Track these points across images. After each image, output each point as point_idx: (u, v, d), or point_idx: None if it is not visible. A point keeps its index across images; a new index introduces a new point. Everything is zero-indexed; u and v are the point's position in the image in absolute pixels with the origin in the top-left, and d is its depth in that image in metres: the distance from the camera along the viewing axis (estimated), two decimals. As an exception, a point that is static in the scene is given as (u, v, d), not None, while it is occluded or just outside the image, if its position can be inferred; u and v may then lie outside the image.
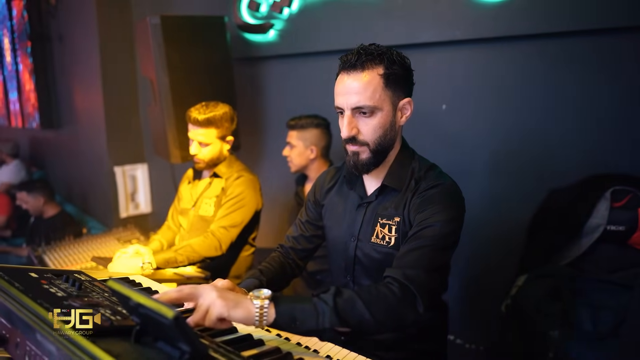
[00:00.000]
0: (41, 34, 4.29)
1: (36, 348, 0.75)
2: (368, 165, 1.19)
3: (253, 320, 0.87)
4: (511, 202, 2.17)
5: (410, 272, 1.04)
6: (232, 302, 0.86)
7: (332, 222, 1.34)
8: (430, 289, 1.05)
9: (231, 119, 1.95)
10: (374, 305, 0.98)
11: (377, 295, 1.00)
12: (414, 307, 1.02)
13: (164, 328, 0.66)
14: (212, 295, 0.86)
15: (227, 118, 1.92)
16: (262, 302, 0.88)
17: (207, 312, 0.84)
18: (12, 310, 0.80)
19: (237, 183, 1.94)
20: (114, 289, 0.71)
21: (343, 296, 0.97)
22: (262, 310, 0.88)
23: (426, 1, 2.19)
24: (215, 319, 0.84)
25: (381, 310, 0.98)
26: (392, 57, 1.15)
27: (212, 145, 1.91)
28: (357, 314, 0.96)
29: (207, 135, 1.89)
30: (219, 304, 0.85)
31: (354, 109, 1.15)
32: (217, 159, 1.95)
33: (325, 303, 0.95)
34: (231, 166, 2.01)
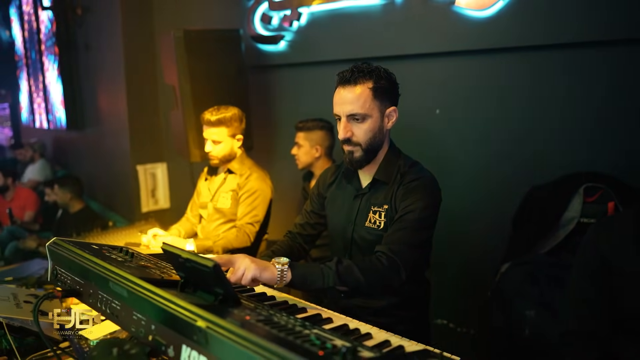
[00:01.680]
0: (68, 42, 4.61)
1: (108, 295, 1.00)
2: (360, 162, 1.45)
3: (275, 280, 1.15)
4: (498, 198, 2.39)
5: (395, 247, 1.31)
6: (262, 266, 1.14)
7: (333, 211, 1.60)
8: (411, 260, 1.32)
9: (240, 119, 2.21)
10: (367, 272, 1.26)
11: (369, 264, 1.28)
12: (398, 274, 1.30)
13: (204, 276, 0.91)
14: (247, 261, 1.13)
15: (235, 118, 2.18)
16: (283, 266, 1.17)
17: (243, 274, 1.11)
18: (88, 268, 1.06)
19: (252, 180, 2.20)
20: (166, 249, 0.97)
21: (343, 264, 1.26)
22: (282, 273, 1.16)
23: (421, 15, 2.43)
24: (250, 279, 1.11)
25: (372, 275, 1.26)
26: (380, 74, 1.41)
27: (224, 143, 2.17)
28: (354, 278, 1.24)
29: (219, 134, 2.15)
30: (252, 268, 1.12)
31: (348, 115, 1.40)
32: (229, 155, 2.21)
33: (329, 268, 1.24)
34: (243, 163, 2.26)
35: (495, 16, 2.23)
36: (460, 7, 2.29)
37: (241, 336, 0.73)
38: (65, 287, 1.13)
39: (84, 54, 4.48)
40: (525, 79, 2.26)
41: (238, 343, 0.72)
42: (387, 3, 2.52)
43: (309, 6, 2.78)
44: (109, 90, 4.07)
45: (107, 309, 1.01)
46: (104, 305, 1.02)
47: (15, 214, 4.40)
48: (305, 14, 2.82)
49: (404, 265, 1.30)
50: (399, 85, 1.47)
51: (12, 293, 1.91)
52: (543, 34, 2.14)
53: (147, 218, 3.30)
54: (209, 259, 0.89)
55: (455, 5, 2.30)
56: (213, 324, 0.76)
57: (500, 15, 2.22)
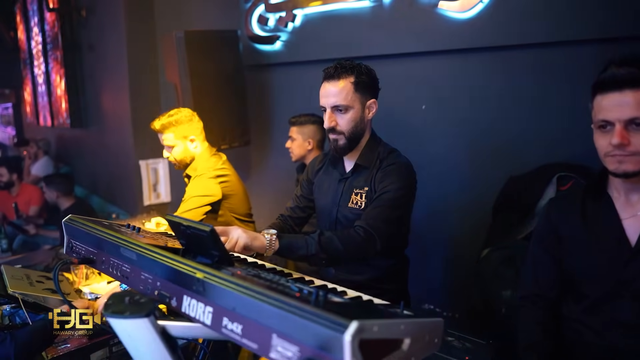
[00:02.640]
0: (72, 42, 4.76)
1: (118, 260, 1.16)
2: (344, 148, 1.61)
3: (265, 247, 1.31)
4: (479, 187, 2.54)
5: (371, 222, 1.47)
6: (253, 236, 1.30)
7: (320, 194, 1.76)
8: (385, 234, 1.48)
9: (188, 119, 2.18)
10: (346, 242, 1.42)
11: (348, 236, 1.44)
12: (373, 245, 1.46)
13: (203, 240, 1.06)
14: (239, 231, 1.29)
15: (182, 120, 2.16)
16: (271, 236, 1.33)
17: (236, 243, 1.26)
18: (102, 237, 1.21)
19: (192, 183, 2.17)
20: (169, 219, 1.12)
21: (325, 235, 1.42)
22: (271, 242, 1.31)
23: (408, 16, 2.58)
24: (242, 246, 1.27)
25: (350, 245, 1.42)
26: (361, 70, 1.57)
27: (177, 146, 2.18)
28: (334, 247, 1.40)
29: (168, 139, 2.17)
30: (244, 237, 1.27)
31: (332, 107, 1.56)
32: (185, 158, 2.20)
33: (312, 239, 1.40)
34: (204, 164, 2.17)
35: (476, 17, 2.38)
36: (443, 9, 2.45)
37: (232, 282, 0.88)
38: (80, 257, 1.28)
39: (87, 54, 4.64)
40: (504, 77, 2.41)
41: (230, 288, 0.87)
42: (376, 5, 2.68)
43: (303, 8, 2.93)
44: (112, 88, 4.22)
45: (118, 273, 1.16)
46: (115, 269, 1.17)
47: (21, 209, 4.56)
48: (300, 15, 2.97)
49: (379, 237, 1.46)
50: (378, 80, 1.63)
51: (25, 274, 2.07)
52: (520, 34, 2.29)
53: (148, 211, 3.45)
54: (206, 225, 1.04)
55: (439, 8, 2.45)
56: (209, 275, 0.92)
57: (480, 17, 2.37)
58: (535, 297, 1.31)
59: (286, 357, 0.76)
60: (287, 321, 0.77)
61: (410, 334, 0.86)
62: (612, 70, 1.09)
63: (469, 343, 1.13)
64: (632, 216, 1.15)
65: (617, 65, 1.08)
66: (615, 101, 1.08)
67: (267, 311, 0.80)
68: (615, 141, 1.07)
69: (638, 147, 1.06)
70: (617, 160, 1.10)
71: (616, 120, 1.08)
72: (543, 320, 1.26)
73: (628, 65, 1.06)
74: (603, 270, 1.16)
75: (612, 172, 1.14)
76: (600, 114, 1.12)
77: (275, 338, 0.78)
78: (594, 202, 1.22)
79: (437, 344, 0.97)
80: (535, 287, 1.31)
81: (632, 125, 1.07)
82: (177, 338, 0.98)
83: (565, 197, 1.29)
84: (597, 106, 1.13)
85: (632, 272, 1.12)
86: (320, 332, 0.72)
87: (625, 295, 1.13)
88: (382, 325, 0.77)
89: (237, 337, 0.84)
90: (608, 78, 1.09)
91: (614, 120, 1.08)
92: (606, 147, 1.11)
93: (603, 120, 1.11)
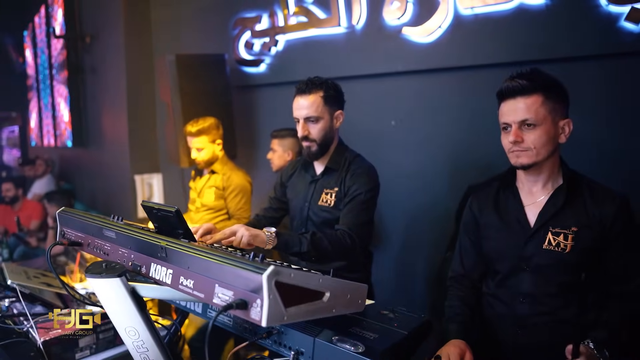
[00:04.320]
0: (77, 66, 5.08)
1: (101, 240, 1.37)
2: (316, 154, 1.85)
3: (265, 243, 1.51)
4: (443, 197, 2.75)
5: (352, 226, 1.72)
6: (255, 234, 1.49)
7: (293, 194, 1.99)
8: (363, 236, 1.74)
9: (217, 126, 2.60)
10: (333, 243, 1.66)
11: (336, 238, 1.68)
12: (355, 247, 1.71)
13: (170, 220, 1.28)
14: (243, 229, 1.48)
15: (213, 127, 2.57)
16: (271, 234, 1.54)
17: (241, 240, 1.47)
18: (88, 222, 1.42)
19: (233, 179, 2.59)
20: (144, 204, 1.34)
21: (317, 235, 1.64)
22: (271, 238, 1.52)
23: (377, 41, 2.85)
24: (246, 243, 1.47)
25: (337, 245, 1.66)
26: (329, 85, 1.81)
27: (206, 149, 2.57)
28: (323, 246, 1.63)
29: (201, 142, 2.55)
30: (247, 234, 1.47)
31: (305, 118, 1.81)
32: (212, 158, 2.61)
33: (305, 238, 1.62)
34: (225, 164, 2.65)
35: (437, 41, 2.65)
36: (406, 35, 2.72)
37: (188, 247, 1.09)
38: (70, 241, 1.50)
39: (90, 77, 4.95)
40: (464, 95, 2.65)
41: (185, 251, 1.08)
42: (349, 32, 2.96)
43: (284, 34, 3.22)
44: (112, 108, 4.50)
45: (100, 252, 1.37)
46: (99, 249, 1.38)
47: (23, 223, 4.78)
48: (282, 41, 3.26)
49: (359, 238, 1.72)
50: (344, 94, 1.87)
51: (23, 270, 2.28)
52: (476, 55, 2.55)
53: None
54: (171, 206, 1.26)
55: (403, 33, 2.72)
56: (170, 242, 1.13)
57: (440, 41, 2.64)
58: (461, 277, 1.51)
59: (224, 301, 0.97)
60: (226, 272, 0.98)
61: (329, 289, 1.06)
62: (507, 83, 1.33)
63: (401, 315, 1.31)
64: (532, 203, 1.36)
65: (510, 79, 1.32)
66: (511, 107, 1.31)
67: (212, 266, 1.01)
68: (511, 138, 1.30)
69: (529, 143, 1.29)
70: (516, 155, 1.32)
71: (512, 122, 1.31)
72: (464, 296, 1.45)
73: (519, 79, 1.30)
74: (509, 248, 1.36)
75: (513, 165, 1.36)
76: (502, 117, 1.35)
77: (217, 287, 0.99)
78: (505, 193, 1.43)
79: (360, 304, 1.17)
80: (461, 269, 1.51)
81: (524, 125, 1.30)
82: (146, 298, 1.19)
83: (483, 190, 1.50)
84: (500, 112, 1.37)
85: (531, 248, 1.32)
86: (248, 277, 0.93)
87: (526, 269, 1.34)
88: (298, 275, 0.97)
89: (189, 291, 1.05)
90: (504, 89, 1.33)
91: (511, 122, 1.31)
92: (507, 145, 1.34)
93: (504, 123, 1.35)
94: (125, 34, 4.06)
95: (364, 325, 1.19)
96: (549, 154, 1.31)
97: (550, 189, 1.36)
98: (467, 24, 2.55)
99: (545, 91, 1.28)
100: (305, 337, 1.14)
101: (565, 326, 1.30)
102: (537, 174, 1.35)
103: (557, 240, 1.28)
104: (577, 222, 1.29)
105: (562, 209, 1.31)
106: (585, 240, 1.27)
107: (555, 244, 1.28)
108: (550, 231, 1.30)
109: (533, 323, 1.33)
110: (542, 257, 1.30)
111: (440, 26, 2.60)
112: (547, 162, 1.33)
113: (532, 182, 1.37)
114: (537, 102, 1.28)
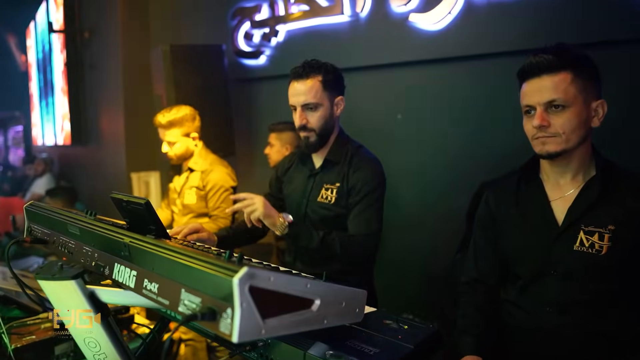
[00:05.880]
0: (76, 62, 4.97)
1: (66, 237, 1.21)
2: (315, 145, 1.67)
3: (276, 227, 1.41)
4: (453, 195, 2.56)
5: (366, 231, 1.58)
6: (269, 213, 1.40)
7: (290, 190, 1.81)
8: (377, 241, 1.59)
9: (192, 118, 2.28)
10: (345, 246, 1.52)
11: (348, 242, 1.54)
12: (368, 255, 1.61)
13: (141, 214, 1.11)
14: (261, 202, 1.39)
15: (187, 118, 2.26)
16: (283, 222, 1.44)
17: (252, 212, 1.35)
18: (54, 218, 1.26)
19: (212, 177, 2.29)
20: (113, 196, 1.18)
21: (330, 236, 1.52)
22: (284, 225, 1.41)
23: (382, 30, 2.69)
24: (256, 218, 1.37)
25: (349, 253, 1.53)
26: (328, 68, 1.64)
27: (179, 142, 2.26)
28: (332, 250, 1.50)
29: (171, 135, 2.25)
30: (261, 210, 1.38)
31: (303, 105, 1.63)
32: (185, 153, 2.30)
33: (317, 235, 1.50)
34: (205, 159, 2.34)
35: (446, 28, 2.48)
36: (414, 22, 2.55)
37: (154, 244, 0.92)
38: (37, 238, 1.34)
39: (89, 73, 4.83)
40: (476, 84, 2.48)
41: (150, 249, 0.91)
42: (353, 20, 2.79)
43: (285, 24, 3.06)
44: (109, 104, 4.38)
45: (65, 250, 1.21)
46: (63, 247, 1.22)
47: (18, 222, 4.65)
48: (283, 31, 3.10)
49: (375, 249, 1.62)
50: (344, 78, 1.70)
51: (1, 271, 2.13)
52: (488, 43, 2.37)
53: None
54: (142, 198, 1.09)
55: (410, 20, 2.55)
56: (135, 239, 0.96)
57: (450, 28, 2.46)
58: (475, 283, 1.32)
59: (191, 310, 0.80)
60: (194, 274, 0.81)
61: (320, 296, 0.88)
62: (530, 59, 1.15)
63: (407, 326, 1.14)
64: (560, 197, 1.18)
65: (534, 55, 1.14)
66: (535, 86, 1.13)
67: (179, 267, 0.84)
68: (535, 123, 1.12)
69: (558, 128, 1.11)
70: (541, 142, 1.14)
71: (537, 103, 1.13)
72: (480, 304, 1.27)
73: (544, 54, 1.12)
74: (533, 249, 1.19)
75: (538, 154, 1.17)
76: (524, 99, 1.17)
77: (184, 292, 0.82)
78: (526, 185, 1.25)
79: (358, 313, 0.99)
80: (475, 272, 1.33)
81: (551, 107, 1.12)
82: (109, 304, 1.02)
83: (501, 182, 1.33)
84: (522, 93, 1.19)
85: (559, 250, 1.14)
86: (217, 281, 0.76)
87: (553, 274, 1.15)
88: (280, 278, 0.80)
89: (154, 297, 0.88)
90: (527, 66, 1.15)
91: (535, 104, 1.13)
92: (531, 131, 1.16)
93: (526, 105, 1.17)
94: (123, 29, 3.93)
95: (364, 338, 1.01)
96: (580, 141, 1.13)
97: (581, 181, 1.17)
98: (479, 10, 2.38)
99: (574, 68, 1.11)
100: (295, 351, 0.96)
101: (600, 340, 1.12)
102: (565, 164, 1.17)
103: (590, 241, 1.09)
104: (614, 219, 1.10)
105: (596, 204, 1.13)
106: (625, 241, 1.09)
107: (589, 244, 1.09)
108: (582, 230, 1.12)
109: (561, 336, 1.14)
110: (572, 260, 1.12)
111: (450, 12, 2.44)
112: (578, 150, 1.15)
113: (560, 173, 1.19)
114: (565, 80, 1.10)
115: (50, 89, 6.16)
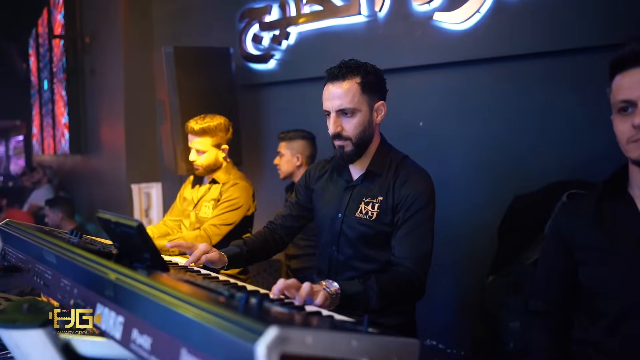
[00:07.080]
0: (76, 68, 4.81)
1: (42, 266, 0.99)
2: (351, 156, 1.45)
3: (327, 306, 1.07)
4: (483, 210, 2.34)
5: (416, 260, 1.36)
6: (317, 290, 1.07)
7: (321, 203, 1.58)
8: (427, 270, 1.38)
9: (226, 129, 2.18)
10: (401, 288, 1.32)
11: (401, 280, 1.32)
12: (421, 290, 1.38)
13: (133, 240, 0.89)
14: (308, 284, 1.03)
15: (221, 128, 2.16)
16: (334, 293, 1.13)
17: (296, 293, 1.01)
18: (29, 241, 1.05)
19: (234, 189, 2.15)
20: (100, 216, 0.96)
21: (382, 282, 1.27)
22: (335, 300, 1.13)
23: (403, 30, 2.49)
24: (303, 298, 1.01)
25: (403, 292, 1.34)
26: (367, 69, 1.42)
27: (208, 152, 2.14)
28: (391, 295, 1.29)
29: (202, 144, 2.13)
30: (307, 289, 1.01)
31: (337, 111, 1.41)
32: (213, 165, 2.18)
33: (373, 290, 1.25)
34: (229, 173, 2.22)
35: (474, 28, 2.27)
36: (439, 21, 2.34)
37: (146, 284, 0.70)
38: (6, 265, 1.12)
39: (89, 80, 4.66)
40: (505, 89, 2.27)
41: (141, 291, 0.69)
42: (371, 20, 2.60)
43: (297, 25, 2.87)
44: (110, 112, 4.20)
45: (41, 281, 0.99)
46: (39, 277, 1.00)
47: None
48: (294, 33, 2.91)
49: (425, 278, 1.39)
50: (386, 81, 1.48)
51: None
52: (519, 44, 2.17)
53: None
54: (134, 220, 0.87)
55: (434, 20, 2.35)
56: (123, 275, 0.74)
57: (479, 27, 2.26)
58: (545, 315, 1.11)
59: (195, 381, 0.58)
60: (199, 330, 0.59)
61: (368, 354, 0.66)
62: (631, 46, 0.94)
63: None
64: None
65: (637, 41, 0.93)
66: (637, 78, 0.92)
67: (179, 319, 0.62)
68: (636, 121, 0.91)
69: None
70: None
71: (639, 98, 0.92)
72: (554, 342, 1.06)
73: None
74: (626, 282, 0.97)
75: (635, 161, 0.96)
76: (620, 94, 0.96)
77: (185, 354, 0.60)
78: (612, 204, 1.03)
79: (410, 370, 0.76)
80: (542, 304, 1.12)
81: None
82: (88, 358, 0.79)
83: (577, 200, 1.11)
84: (616, 87, 0.98)
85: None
86: (232, 343, 0.54)
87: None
88: (320, 337, 0.58)
89: (145, 354, 0.66)
90: (628, 53, 0.95)
91: (636, 98, 0.93)
92: (628, 132, 0.95)
93: (624, 101, 0.95)
94: (124, 32, 3.76)
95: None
96: None
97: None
98: (511, 8, 2.18)
99: None
100: None
101: None
102: None
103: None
104: None
105: None
106: None
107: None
108: None
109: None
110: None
111: (479, 10, 2.24)
112: None
113: None
114: None
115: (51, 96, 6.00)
